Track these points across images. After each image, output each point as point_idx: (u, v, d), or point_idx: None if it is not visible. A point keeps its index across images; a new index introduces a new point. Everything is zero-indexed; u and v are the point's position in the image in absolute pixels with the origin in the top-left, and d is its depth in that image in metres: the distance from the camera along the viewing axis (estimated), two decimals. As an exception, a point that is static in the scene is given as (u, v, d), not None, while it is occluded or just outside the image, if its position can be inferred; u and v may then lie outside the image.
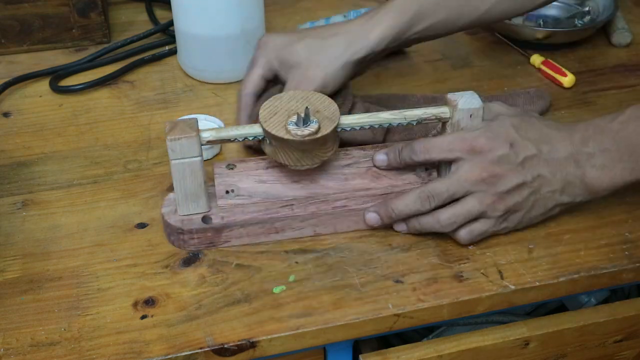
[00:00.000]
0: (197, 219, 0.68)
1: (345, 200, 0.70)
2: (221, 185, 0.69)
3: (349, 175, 0.71)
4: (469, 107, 0.67)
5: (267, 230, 0.69)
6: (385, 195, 0.70)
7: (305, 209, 0.69)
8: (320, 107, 0.68)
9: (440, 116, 0.68)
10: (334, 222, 0.70)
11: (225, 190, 0.69)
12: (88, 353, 0.61)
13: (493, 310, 0.67)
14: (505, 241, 0.71)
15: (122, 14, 1.09)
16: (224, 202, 0.69)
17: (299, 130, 0.65)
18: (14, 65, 0.97)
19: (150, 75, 0.96)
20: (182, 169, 0.66)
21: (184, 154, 0.65)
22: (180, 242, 0.69)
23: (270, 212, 0.69)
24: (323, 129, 0.65)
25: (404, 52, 0.99)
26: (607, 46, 1.01)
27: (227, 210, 0.69)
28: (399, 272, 0.68)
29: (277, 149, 0.67)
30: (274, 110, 0.67)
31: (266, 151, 0.68)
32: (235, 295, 0.66)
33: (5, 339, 0.62)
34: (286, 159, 0.67)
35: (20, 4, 0.95)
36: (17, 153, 0.83)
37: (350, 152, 0.73)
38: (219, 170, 0.71)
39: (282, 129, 0.65)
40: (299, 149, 0.66)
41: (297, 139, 0.65)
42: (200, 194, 0.67)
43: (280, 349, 0.63)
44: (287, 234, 0.70)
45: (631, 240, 0.71)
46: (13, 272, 0.68)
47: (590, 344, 0.74)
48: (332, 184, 0.71)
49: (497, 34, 1.02)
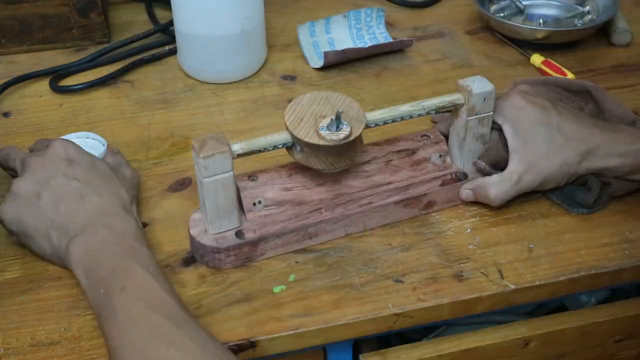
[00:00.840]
0: (230, 235, 0.67)
1: (370, 197, 0.71)
2: (247, 198, 0.68)
3: (370, 172, 0.72)
4: (483, 90, 0.69)
5: (301, 237, 0.69)
6: (406, 187, 0.71)
7: (333, 211, 0.69)
8: (345, 107, 0.67)
9: (455, 102, 0.70)
10: (363, 219, 0.70)
11: (253, 203, 0.68)
12: (88, 353, 0.61)
13: (493, 309, 0.67)
14: (506, 240, 0.71)
15: (122, 14, 1.09)
16: (253, 214, 0.68)
17: (333, 134, 0.64)
18: (14, 65, 0.97)
19: (150, 75, 0.96)
20: (215, 186, 0.64)
21: (216, 170, 0.63)
22: (217, 262, 0.67)
23: (300, 218, 0.69)
24: (355, 130, 0.65)
25: (404, 52, 0.99)
26: (607, 46, 1.01)
27: (258, 222, 0.68)
28: (399, 272, 0.68)
29: (309, 155, 0.66)
30: (299, 116, 0.66)
31: (296, 158, 0.67)
32: (235, 295, 0.66)
33: (5, 339, 0.62)
34: (319, 163, 0.66)
35: (20, 4, 0.95)
36: (17, 153, 0.83)
37: (367, 149, 0.73)
38: (242, 183, 0.69)
39: (314, 135, 0.64)
40: (333, 153, 0.66)
41: (333, 143, 0.64)
42: (232, 209, 0.66)
43: (280, 348, 0.63)
44: (320, 237, 0.70)
45: (631, 240, 0.71)
46: (13, 272, 0.68)
47: (590, 344, 0.74)
48: (356, 182, 0.71)
49: (497, 34, 1.02)
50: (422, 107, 0.70)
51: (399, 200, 0.71)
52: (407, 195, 0.71)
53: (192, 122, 0.87)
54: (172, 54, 0.99)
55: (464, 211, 0.74)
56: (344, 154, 0.67)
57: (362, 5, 1.07)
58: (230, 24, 0.89)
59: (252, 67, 0.95)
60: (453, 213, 0.74)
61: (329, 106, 0.67)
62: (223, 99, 0.91)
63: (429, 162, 0.73)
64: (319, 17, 1.03)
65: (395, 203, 0.71)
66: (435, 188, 0.72)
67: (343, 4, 1.10)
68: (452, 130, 0.74)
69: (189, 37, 0.91)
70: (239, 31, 0.90)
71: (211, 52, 0.91)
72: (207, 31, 0.89)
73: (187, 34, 0.91)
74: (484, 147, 0.73)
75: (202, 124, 0.87)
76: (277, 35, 1.03)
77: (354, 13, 1.02)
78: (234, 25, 0.89)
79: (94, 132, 0.80)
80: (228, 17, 0.89)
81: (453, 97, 0.70)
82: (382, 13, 1.02)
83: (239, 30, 0.90)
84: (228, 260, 0.67)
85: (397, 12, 1.09)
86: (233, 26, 0.89)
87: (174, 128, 0.86)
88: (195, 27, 0.90)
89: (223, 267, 0.67)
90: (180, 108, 0.90)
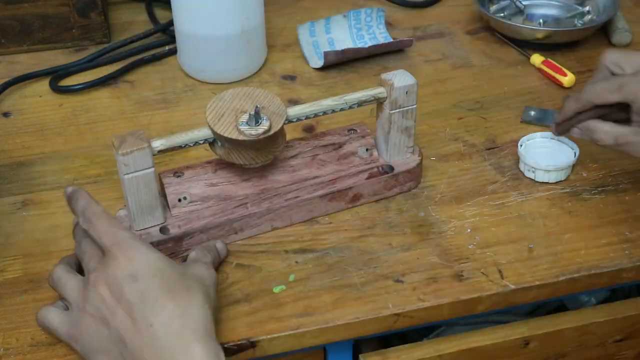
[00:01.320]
0: (154, 231, 0.67)
1: (296, 191, 0.71)
2: (173, 194, 0.69)
3: (295, 166, 0.73)
4: (404, 84, 0.70)
5: (226, 232, 0.69)
6: (333, 181, 0.72)
7: (259, 206, 0.70)
8: (266, 103, 0.68)
9: (378, 96, 0.71)
10: (289, 214, 0.71)
11: (178, 199, 0.69)
12: (88, 353, 0.61)
13: (493, 309, 0.67)
14: (506, 240, 0.71)
15: (122, 14, 1.09)
16: (178, 210, 0.69)
17: (252, 129, 0.65)
18: (14, 65, 0.97)
19: (150, 75, 0.96)
20: (136, 183, 0.64)
21: (137, 167, 0.64)
22: None
23: (225, 213, 0.69)
24: (274, 125, 0.66)
25: (404, 52, 0.99)
26: (607, 46, 1.01)
27: (182, 218, 0.68)
28: (399, 272, 0.68)
29: (230, 150, 0.67)
30: (220, 112, 0.67)
31: (218, 154, 0.68)
32: (235, 295, 0.66)
33: (5, 339, 0.62)
34: (240, 159, 0.67)
35: (20, 4, 0.95)
36: (17, 153, 0.83)
37: (293, 144, 0.74)
38: (168, 179, 0.69)
39: (234, 130, 0.65)
40: (253, 148, 0.67)
41: (252, 138, 0.65)
42: (155, 205, 0.67)
43: (280, 348, 0.63)
44: (245, 232, 0.70)
45: (631, 240, 0.71)
46: (13, 272, 0.68)
47: (590, 343, 0.74)
48: (282, 177, 0.72)
49: (497, 34, 1.02)
50: (344, 101, 0.71)
51: (325, 194, 0.72)
52: (334, 189, 0.72)
53: (192, 122, 0.87)
54: (172, 54, 0.99)
55: (464, 211, 0.74)
56: (265, 149, 0.68)
57: (362, 5, 1.07)
58: (230, 24, 0.89)
59: (252, 67, 0.95)
60: (453, 213, 0.74)
61: (250, 102, 0.67)
62: (223, 99, 0.91)
63: (355, 155, 0.74)
64: (319, 17, 1.03)
65: (320, 197, 0.72)
66: (361, 181, 0.73)
67: (343, 4, 1.10)
68: (377, 123, 0.75)
69: (189, 37, 0.91)
70: (239, 31, 0.90)
71: (211, 52, 0.91)
72: (207, 31, 0.89)
73: (187, 34, 0.91)
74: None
75: (202, 124, 0.86)
76: (277, 35, 1.03)
77: (354, 13, 1.02)
78: (234, 25, 0.89)
79: (94, 132, 0.79)
80: (228, 17, 0.89)
81: (375, 91, 0.71)
82: (382, 13, 1.02)
83: (239, 30, 0.90)
84: None
85: (397, 12, 1.09)
86: (233, 26, 0.89)
87: (174, 128, 0.86)
88: (195, 27, 0.90)
89: None
90: (180, 108, 0.90)
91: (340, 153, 0.74)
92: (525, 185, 0.77)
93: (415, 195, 0.76)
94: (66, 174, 0.79)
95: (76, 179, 0.79)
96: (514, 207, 0.74)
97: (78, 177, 0.79)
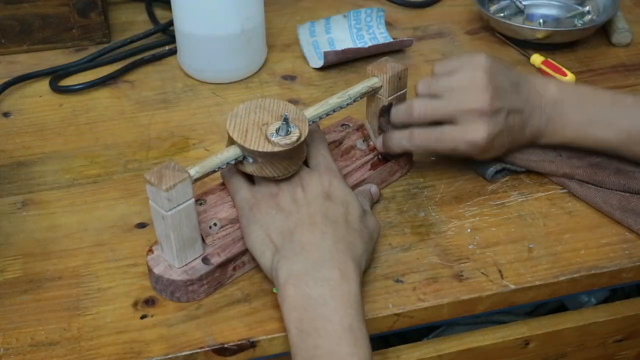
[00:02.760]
0: (198, 264, 0.64)
1: None
2: (202, 222, 0.66)
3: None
4: (396, 71, 0.73)
5: None
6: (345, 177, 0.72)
7: None
8: (282, 111, 0.66)
9: (374, 86, 0.73)
10: None
11: (208, 226, 0.67)
12: (88, 353, 0.61)
13: (493, 309, 0.67)
14: (506, 240, 0.71)
15: (122, 14, 1.09)
16: (212, 238, 0.66)
17: (285, 139, 0.63)
18: (14, 65, 0.98)
19: (150, 75, 0.96)
20: (179, 217, 0.61)
21: (179, 200, 0.60)
22: (191, 295, 0.64)
23: None
24: (303, 130, 0.65)
25: (404, 52, 0.99)
26: (607, 46, 1.01)
27: (219, 245, 0.66)
28: (399, 272, 0.68)
29: (263, 164, 0.64)
30: (242, 128, 0.64)
31: (249, 171, 0.65)
32: (235, 295, 0.66)
33: (5, 339, 0.62)
34: (275, 170, 0.65)
35: (20, 4, 0.95)
36: (17, 153, 0.83)
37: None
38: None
39: (267, 143, 0.63)
40: (287, 157, 0.65)
41: (287, 147, 0.63)
42: (196, 237, 0.63)
43: (280, 348, 0.63)
44: None
45: (631, 240, 0.71)
46: (13, 272, 0.68)
47: (590, 344, 0.74)
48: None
49: (497, 34, 1.02)
50: (348, 96, 0.72)
51: None
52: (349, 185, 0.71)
53: (192, 122, 0.87)
54: (172, 54, 0.99)
55: (464, 211, 0.74)
56: (296, 156, 0.66)
57: (362, 5, 1.07)
58: (230, 24, 0.89)
59: (252, 67, 0.95)
60: (453, 213, 0.74)
61: (267, 112, 0.66)
62: (223, 99, 0.91)
63: (355, 149, 0.76)
64: (319, 17, 1.03)
65: None
66: (367, 173, 0.74)
67: (343, 4, 1.10)
68: (369, 113, 0.76)
69: (189, 37, 0.91)
70: (239, 31, 0.90)
71: (211, 52, 0.91)
72: (207, 31, 0.89)
73: (187, 34, 0.91)
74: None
75: (202, 124, 0.87)
76: (277, 35, 1.04)
77: (354, 13, 1.02)
78: (234, 25, 0.89)
79: (94, 132, 0.79)
80: (228, 17, 0.89)
81: (371, 82, 0.73)
82: (382, 13, 1.02)
83: (239, 30, 0.90)
84: (202, 290, 0.65)
85: (397, 12, 1.09)
86: (233, 26, 0.89)
87: (174, 128, 0.86)
88: (195, 27, 0.90)
89: (197, 298, 0.65)
90: (180, 108, 0.90)
91: (342, 149, 0.75)
92: (526, 185, 0.77)
93: (415, 195, 0.76)
94: (66, 174, 0.79)
95: (76, 179, 0.79)
96: (514, 207, 0.74)
97: (78, 177, 0.79)
